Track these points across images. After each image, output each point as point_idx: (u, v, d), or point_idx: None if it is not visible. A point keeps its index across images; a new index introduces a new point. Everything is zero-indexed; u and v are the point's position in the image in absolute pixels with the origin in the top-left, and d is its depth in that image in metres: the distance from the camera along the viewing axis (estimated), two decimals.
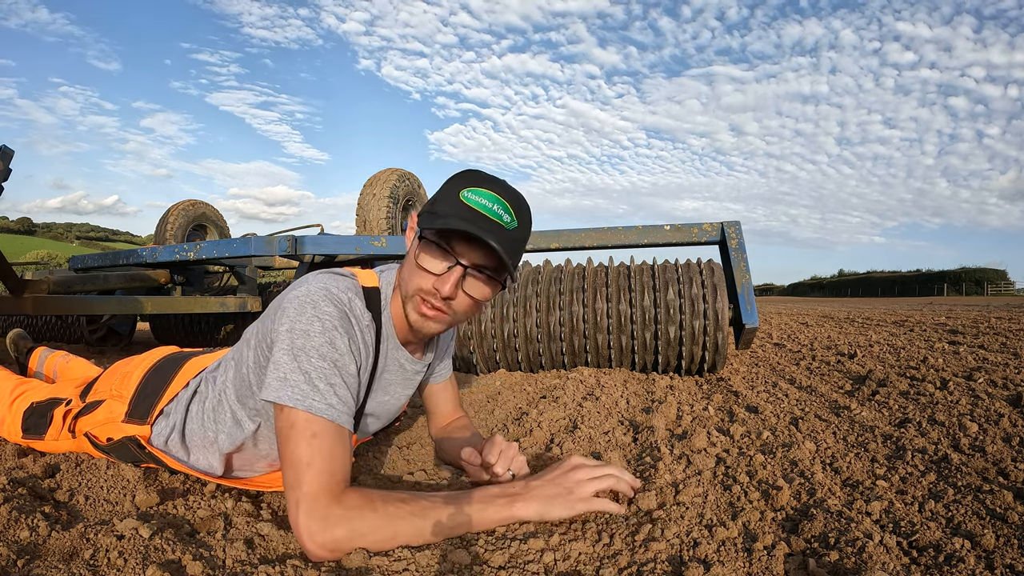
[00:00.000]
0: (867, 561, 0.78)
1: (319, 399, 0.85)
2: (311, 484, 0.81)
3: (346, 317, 0.92)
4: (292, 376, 0.86)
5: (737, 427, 1.50)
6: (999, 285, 41.99)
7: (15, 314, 3.61)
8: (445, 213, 0.90)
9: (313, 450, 0.83)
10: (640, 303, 2.48)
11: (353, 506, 0.83)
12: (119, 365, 1.26)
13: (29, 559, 0.79)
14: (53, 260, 28.47)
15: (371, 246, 2.94)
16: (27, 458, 1.22)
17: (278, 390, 0.86)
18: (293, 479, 0.82)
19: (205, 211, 4.73)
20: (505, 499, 0.93)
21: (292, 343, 0.88)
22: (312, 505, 0.81)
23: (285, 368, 0.87)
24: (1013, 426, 1.45)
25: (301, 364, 0.86)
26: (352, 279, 1.00)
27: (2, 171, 1.99)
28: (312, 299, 0.90)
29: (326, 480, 0.82)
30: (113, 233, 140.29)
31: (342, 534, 0.80)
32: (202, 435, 1.06)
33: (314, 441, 0.83)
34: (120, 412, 1.13)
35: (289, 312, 0.90)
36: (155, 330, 4.22)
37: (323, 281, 0.94)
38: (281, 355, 0.88)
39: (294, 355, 0.87)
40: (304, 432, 0.84)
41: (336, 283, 0.95)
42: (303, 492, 0.81)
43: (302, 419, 0.84)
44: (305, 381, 0.86)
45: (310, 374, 0.86)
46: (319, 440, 0.84)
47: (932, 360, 2.66)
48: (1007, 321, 5.03)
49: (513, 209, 0.92)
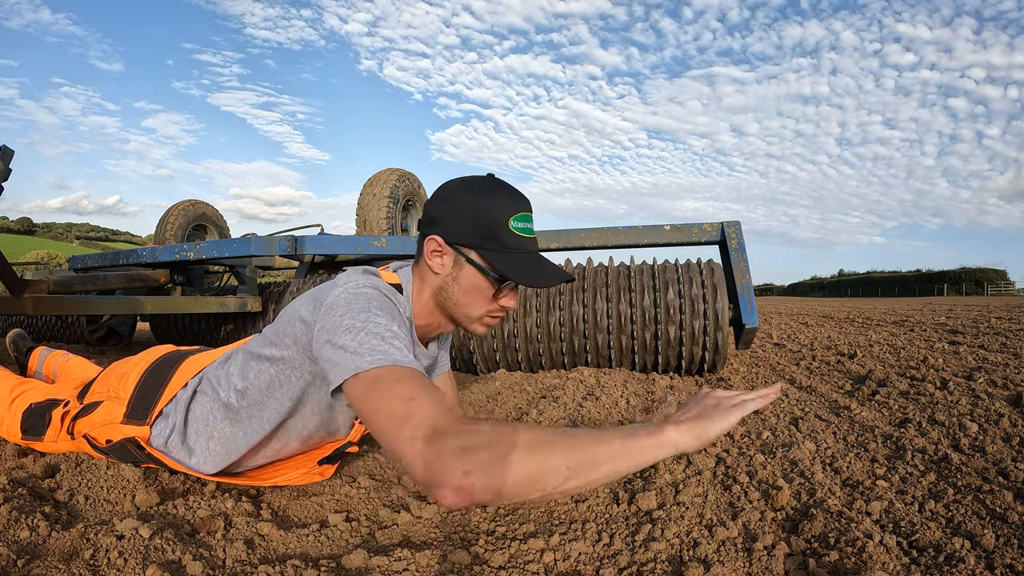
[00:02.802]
0: (867, 561, 0.78)
1: (397, 352, 0.81)
2: (423, 411, 0.69)
3: (394, 307, 0.94)
4: (362, 347, 0.81)
5: (737, 427, 1.50)
6: (999, 285, 41.99)
7: (15, 314, 3.61)
8: (509, 246, 0.97)
9: (410, 386, 0.74)
10: (640, 303, 2.48)
11: (484, 428, 0.67)
12: (116, 366, 1.25)
13: (29, 559, 0.79)
14: (53, 260, 28.48)
15: (371, 246, 2.94)
16: (27, 458, 1.22)
17: (353, 361, 0.80)
18: (401, 416, 0.70)
19: (205, 211, 4.72)
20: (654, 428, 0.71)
21: (352, 325, 0.85)
22: (434, 429, 0.67)
23: (353, 345, 0.82)
24: (1013, 426, 1.45)
25: (368, 335, 0.83)
26: (379, 277, 1.03)
27: (2, 171, 1.99)
28: (360, 293, 0.92)
29: (439, 407, 0.71)
30: (113, 233, 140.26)
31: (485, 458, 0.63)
32: (207, 434, 1.06)
33: (403, 383, 0.75)
34: (118, 414, 1.12)
35: (339, 304, 0.90)
36: (155, 330, 4.22)
37: (361, 280, 0.97)
38: (342, 338, 0.83)
39: (355, 333, 0.84)
40: (391, 379, 0.76)
41: (373, 281, 0.98)
42: (417, 421, 0.68)
43: (385, 371, 0.77)
44: (376, 346, 0.81)
45: (379, 335, 0.83)
46: (408, 380, 0.75)
47: (932, 360, 2.66)
48: (1007, 321, 5.03)
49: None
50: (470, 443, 0.64)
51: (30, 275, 3.24)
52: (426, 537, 0.94)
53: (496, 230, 0.97)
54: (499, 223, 0.97)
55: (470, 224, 0.97)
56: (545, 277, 0.99)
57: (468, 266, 0.99)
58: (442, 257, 1.00)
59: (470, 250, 0.98)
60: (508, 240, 0.98)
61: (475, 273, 0.99)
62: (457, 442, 0.64)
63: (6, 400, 1.34)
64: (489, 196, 0.98)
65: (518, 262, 0.98)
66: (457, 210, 0.98)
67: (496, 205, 0.97)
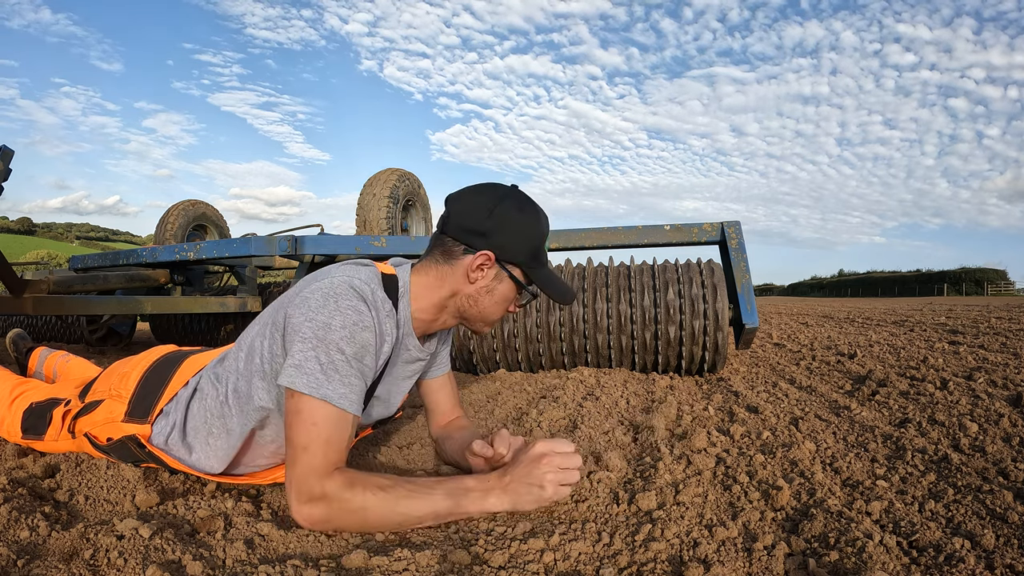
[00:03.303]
0: (867, 561, 0.78)
1: (329, 388, 0.91)
2: (303, 466, 0.90)
3: (367, 310, 0.96)
4: (307, 364, 0.91)
5: (737, 427, 1.50)
6: (999, 285, 41.99)
7: (15, 314, 3.61)
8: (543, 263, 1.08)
9: (312, 436, 0.90)
10: (640, 303, 2.48)
11: (333, 489, 0.90)
12: (117, 365, 1.25)
13: (29, 559, 0.79)
14: (53, 260, 28.49)
15: (371, 246, 2.94)
16: (27, 458, 1.22)
17: (293, 376, 0.91)
18: (290, 459, 0.92)
19: (205, 211, 4.72)
20: (480, 492, 0.99)
21: (313, 333, 0.92)
22: (300, 485, 0.90)
23: (301, 356, 0.91)
24: (1013, 426, 1.46)
25: (318, 354, 0.91)
26: (372, 267, 1.05)
27: (2, 171, 1.99)
28: (335, 292, 0.94)
29: (318, 463, 0.90)
30: (113, 233, 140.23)
31: (319, 514, 0.91)
32: (206, 432, 1.06)
33: (314, 428, 0.90)
34: (120, 412, 1.13)
35: (312, 303, 0.94)
36: (155, 330, 4.22)
37: (346, 273, 0.98)
38: (300, 344, 0.92)
39: (313, 345, 0.92)
40: (308, 418, 0.90)
41: (359, 273, 0.99)
42: (295, 472, 0.91)
43: (308, 405, 0.90)
44: (320, 371, 0.91)
45: (325, 364, 0.91)
46: (319, 428, 0.90)
47: (932, 360, 2.66)
48: (1007, 321, 5.03)
49: None
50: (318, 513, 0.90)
51: (30, 275, 3.24)
52: (426, 537, 0.94)
53: (540, 250, 1.06)
54: (542, 244, 1.06)
55: (524, 244, 1.03)
56: (568, 293, 1.09)
57: (508, 281, 1.05)
58: (485, 271, 1.04)
59: (515, 267, 1.05)
60: (543, 258, 1.07)
61: (512, 287, 1.06)
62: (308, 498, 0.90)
63: (6, 400, 1.34)
64: (534, 215, 1.05)
65: (551, 279, 1.07)
66: (509, 229, 1.02)
67: (540, 225, 1.05)
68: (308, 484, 0.90)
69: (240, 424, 1.05)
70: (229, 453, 1.07)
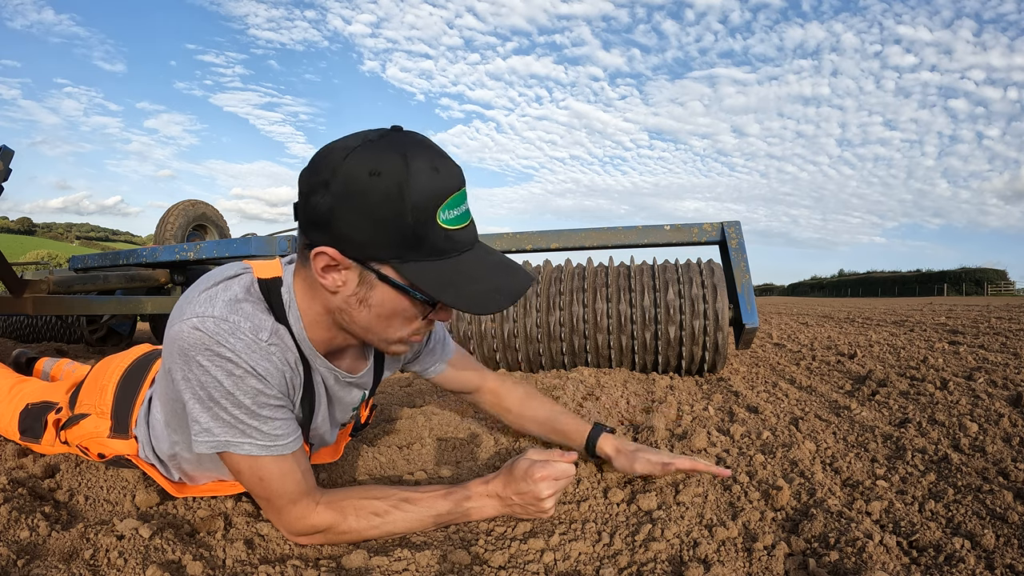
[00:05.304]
0: (867, 561, 0.78)
1: (250, 443, 0.81)
2: (275, 514, 0.89)
3: (235, 355, 0.75)
4: (215, 428, 0.79)
5: (737, 427, 1.50)
6: (999, 285, 42.00)
7: (15, 314, 3.61)
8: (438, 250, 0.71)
9: (267, 489, 0.86)
10: (640, 303, 2.48)
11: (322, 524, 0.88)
12: (100, 369, 1.16)
13: (29, 559, 0.79)
14: (53, 260, 28.46)
15: None
16: (27, 458, 1.22)
17: (208, 441, 0.80)
18: (263, 509, 0.92)
19: (205, 211, 4.72)
20: (476, 509, 0.97)
21: (196, 395, 0.77)
22: (287, 529, 0.90)
23: (204, 420, 0.79)
24: (1013, 426, 1.45)
25: (219, 413, 0.78)
26: (244, 277, 0.82)
27: (2, 171, 1.99)
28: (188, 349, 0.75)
29: (286, 505, 0.87)
30: (113, 233, 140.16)
31: (316, 541, 0.91)
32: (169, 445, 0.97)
33: (262, 484, 0.85)
34: (104, 428, 1.05)
35: (176, 359, 0.77)
36: (155, 330, 4.22)
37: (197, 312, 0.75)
38: (193, 407, 0.79)
39: (207, 407, 0.78)
40: (251, 476, 0.85)
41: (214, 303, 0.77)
42: (275, 521, 0.91)
43: (244, 465, 0.83)
44: (231, 429, 0.79)
45: (232, 422, 0.79)
46: (266, 481, 0.85)
47: (932, 360, 2.66)
48: (1007, 321, 5.04)
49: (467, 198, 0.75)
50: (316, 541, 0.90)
51: (30, 275, 3.24)
52: (426, 537, 0.94)
53: (419, 231, 0.69)
54: (423, 220, 0.69)
55: (379, 229, 0.69)
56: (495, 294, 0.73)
57: (382, 285, 0.74)
58: (339, 272, 0.75)
59: (383, 265, 0.72)
60: (436, 242, 0.71)
61: (394, 296, 0.75)
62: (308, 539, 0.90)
63: (4, 398, 1.34)
64: (400, 175, 0.67)
65: (454, 274, 0.72)
66: (356, 207, 0.68)
67: (415, 191, 0.67)
68: (293, 527, 0.89)
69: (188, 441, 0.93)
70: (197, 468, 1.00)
